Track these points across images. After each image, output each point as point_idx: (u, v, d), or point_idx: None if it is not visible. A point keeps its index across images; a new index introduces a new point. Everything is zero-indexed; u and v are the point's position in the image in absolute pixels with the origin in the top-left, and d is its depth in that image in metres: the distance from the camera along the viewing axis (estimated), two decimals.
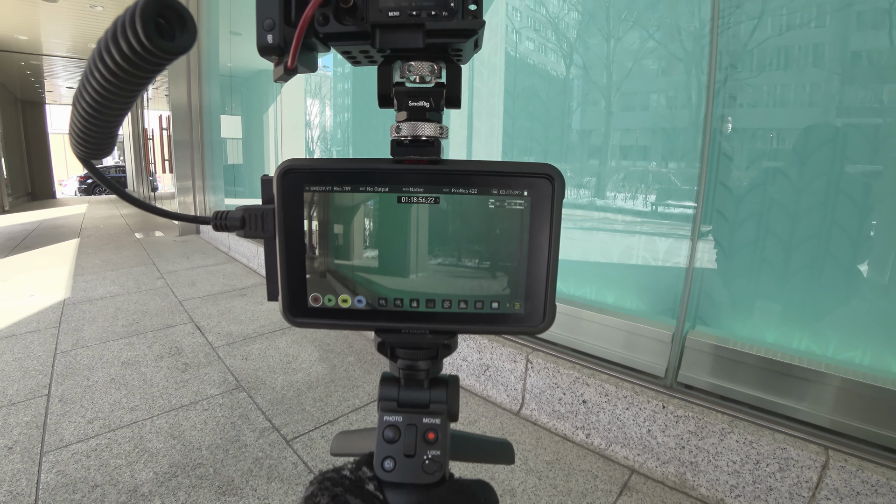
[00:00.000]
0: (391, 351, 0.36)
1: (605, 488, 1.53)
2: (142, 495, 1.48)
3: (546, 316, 0.34)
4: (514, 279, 0.34)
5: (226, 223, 0.36)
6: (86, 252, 5.17)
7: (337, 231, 0.34)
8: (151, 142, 9.90)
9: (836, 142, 1.41)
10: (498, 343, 2.03)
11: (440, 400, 0.36)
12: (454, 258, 0.34)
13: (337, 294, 0.34)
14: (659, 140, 1.89)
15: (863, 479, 1.21)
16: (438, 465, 0.33)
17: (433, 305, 0.34)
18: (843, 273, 1.43)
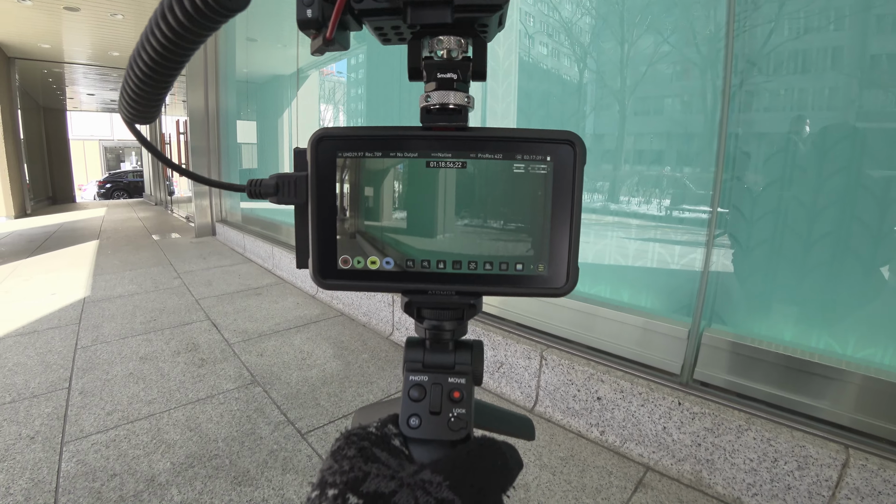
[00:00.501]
0: (417, 311, 0.37)
1: (619, 485, 1.52)
2: (159, 484, 1.50)
3: (569, 278, 0.35)
4: (537, 241, 0.34)
5: (260, 190, 0.37)
6: (105, 253, 5.27)
7: (368, 194, 0.35)
8: (168, 146, 10.06)
9: (855, 138, 1.39)
10: (512, 340, 2.03)
11: (465, 362, 0.36)
12: (480, 220, 0.34)
13: (366, 256, 0.35)
14: (673, 144, 1.88)
15: (885, 478, 1.19)
16: (464, 422, 0.34)
17: (459, 266, 0.35)
18: (863, 269, 1.40)
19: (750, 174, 1.60)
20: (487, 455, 0.31)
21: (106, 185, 18.70)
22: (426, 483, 0.28)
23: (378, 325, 2.87)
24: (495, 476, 0.30)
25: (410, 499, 0.26)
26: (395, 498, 0.26)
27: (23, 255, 5.29)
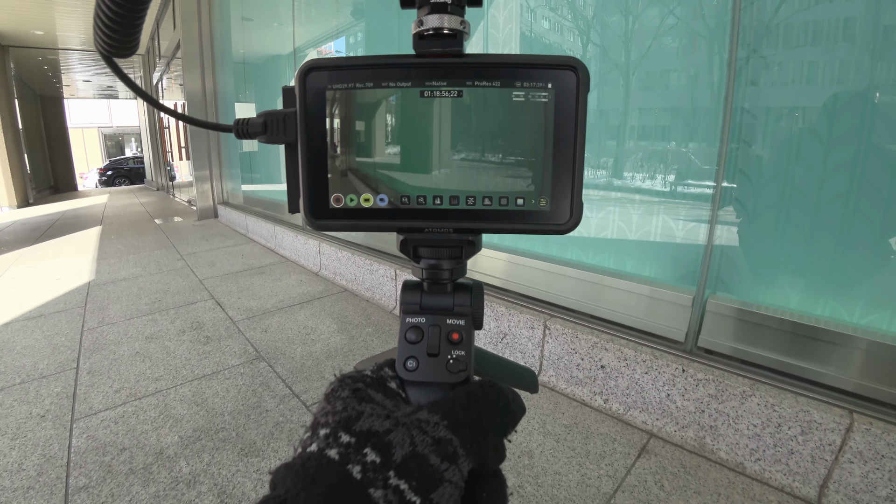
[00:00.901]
0: (414, 251, 0.35)
1: (623, 451, 1.52)
2: (167, 457, 1.52)
3: (573, 214, 0.32)
4: (539, 175, 0.32)
5: (248, 129, 0.35)
6: (108, 238, 5.28)
7: (359, 128, 0.33)
8: (168, 130, 10.00)
9: (866, 110, 1.34)
10: (515, 310, 2.02)
11: (465, 304, 0.34)
12: (477, 153, 0.32)
13: (359, 194, 0.33)
14: (679, 119, 1.82)
15: (888, 441, 1.18)
16: (463, 364, 0.32)
17: (456, 202, 0.33)
18: (872, 233, 1.36)
19: (757, 141, 1.55)
20: (488, 396, 0.29)
21: (107, 173, 18.68)
22: (423, 422, 0.26)
23: (381, 299, 2.87)
24: (496, 417, 0.28)
25: (406, 438, 0.25)
26: (390, 437, 0.25)
27: (27, 243, 5.32)
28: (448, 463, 0.25)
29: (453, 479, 0.25)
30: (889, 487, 1.18)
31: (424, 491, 0.23)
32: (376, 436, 0.25)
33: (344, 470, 0.23)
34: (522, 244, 2.29)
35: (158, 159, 12.20)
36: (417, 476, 0.23)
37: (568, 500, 1.33)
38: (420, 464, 0.24)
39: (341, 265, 3.26)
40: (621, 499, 1.32)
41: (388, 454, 0.24)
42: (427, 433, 0.25)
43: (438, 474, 0.24)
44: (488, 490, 0.29)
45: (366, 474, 0.23)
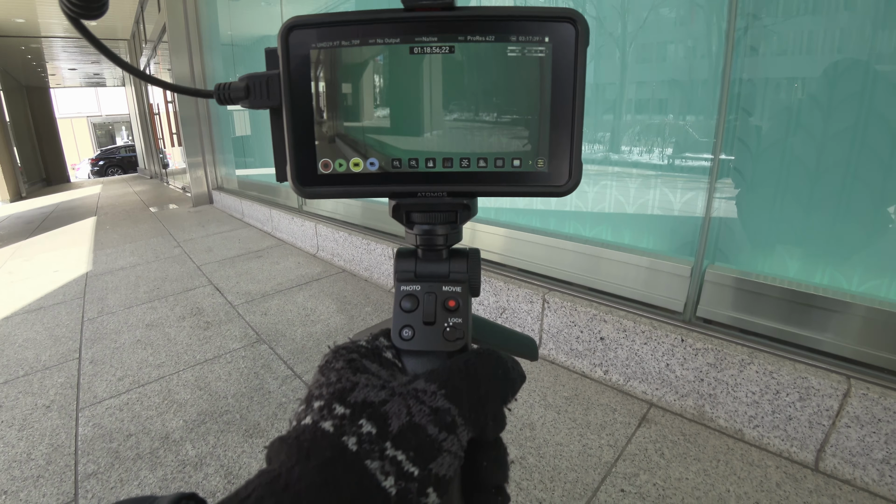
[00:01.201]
0: (407, 216, 0.33)
1: (623, 421, 1.54)
2: (173, 441, 1.53)
3: (571, 175, 0.31)
4: (536, 134, 0.31)
5: (229, 94, 0.33)
6: (104, 228, 5.26)
7: (346, 90, 0.31)
8: (158, 117, 9.87)
9: (867, 79, 1.30)
10: (514, 285, 2.01)
11: (461, 270, 0.33)
12: (471, 113, 0.31)
13: (348, 158, 0.32)
14: (676, 92, 1.77)
15: (885, 406, 1.18)
16: (461, 332, 0.31)
17: (450, 165, 0.31)
18: (872, 198, 1.34)
19: (756, 111, 1.52)
20: (487, 364, 0.28)
21: (99, 163, 18.49)
22: (420, 392, 0.25)
23: (380, 278, 2.87)
24: (495, 386, 0.28)
25: (402, 408, 0.24)
26: (386, 407, 0.24)
27: (22, 237, 5.30)
28: (446, 433, 0.24)
29: (452, 449, 0.24)
30: (885, 450, 1.20)
31: (422, 461, 0.23)
32: (372, 406, 0.24)
33: (339, 442, 0.22)
34: (520, 219, 2.28)
35: (150, 147, 12.07)
36: (415, 446, 0.23)
37: (570, 469, 1.34)
38: (417, 434, 0.23)
39: (338, 246, 3.25)
40: (622, 467, 1.34)
41: (385, 425, 0.23)
42: (424, 403, 0.25)
43: (437, 444, 0.24)
44: (488, 459, 0.28)
45: (361, 446, 0.22)
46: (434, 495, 0.23)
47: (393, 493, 0.21)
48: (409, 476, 0.22)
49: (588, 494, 1.25)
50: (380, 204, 3.10)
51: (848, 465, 1.26)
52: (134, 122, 14.32)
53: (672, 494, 1.24)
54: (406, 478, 0.22)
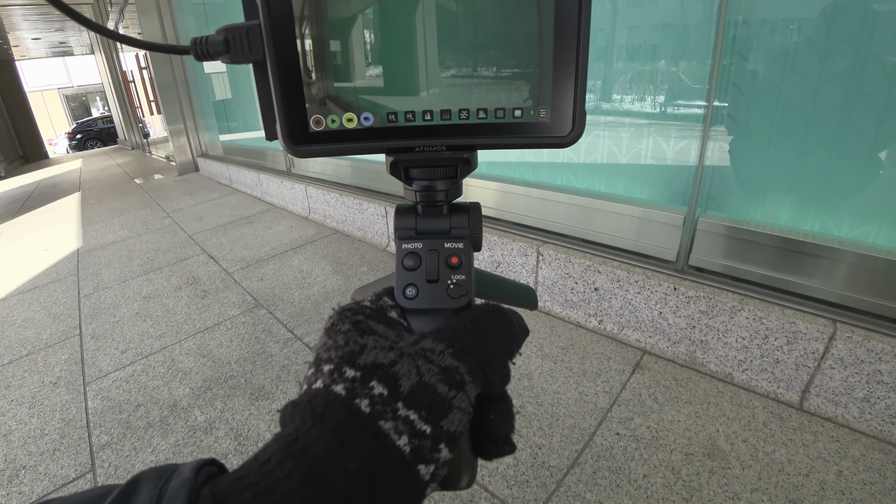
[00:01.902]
0: (405, 172, 0.32)
1: (618, 368, 1.58)
2: (182, 408, 1.57)
3: (575, 125, 0.29)
4: (537, 82, 0.29)
5: (207, 49, 0.31)
6: (89, 203, 5.18)
7: (336, 39, 0.29)
8: (133, 85, 9.52)
9: (866, 9, 1.26)
10: (508, 238, 2.02)
11: (462, 226, 0.33)
12: (468, 61, 0.29)
13: (341, 114, 0.30)
14: (669, 37, 1.70)
15: (868, 347, 1.22)
16: (464, 289, 0.31)
17: (448, 117, 0.30)
18: (866, 145, 1.32)
19: (751, 55, 1.47)
20: (493, 321, 0.29)
21: (76, 136, 17.91)
22: (428, 351, 0.26)
23: (373, 238, 2.87)
24: (501, 342, 0.28)
25: (412, 368, 0.25)
26: (395, 368, 0.25)
27: (6, 218, 5.21)
28: (456, 390, 0.25)
29: (461, 406, 0.25)
30: (866, 389, 1.25)
31: (434, 419, 0.24)
32: (382, 368, 0.25)
33: (352, 405, 0.23)
34: (512, 172, 2.26)
35: (129, 117, 11.70)
36: (426, 405, 0.24)
37: (567, 416, 1.39)
38: (428, 393, 0.24)
39: (330, 207, 3.23)
40: (617, 412, 1.39)
41: (395, 385, 0.24)
42: (433, 362, 0.25)
43: (447, 402, 0.24)
44: (496, 412, 0.29)
45: (374, 407, 0.23)
46: (446, 450, 0.24)
47: (407, 450, 0.22)
48: (421, 434, 0.23)
49: (585, 439, 1.31)
50: (370, 163, 3.06)
51: (830, 403, 1.31)
52: (108, 92, 13.81)
53: (665, 436, 1.29)
54: (419, 436, 0.23)
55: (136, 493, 0.21)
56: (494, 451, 0.30)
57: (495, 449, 0.30)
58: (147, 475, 0.23)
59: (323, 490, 0.20)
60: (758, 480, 1.14)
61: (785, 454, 1.20)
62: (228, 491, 0.20)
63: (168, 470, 0.23)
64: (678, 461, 1.21)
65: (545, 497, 1.14)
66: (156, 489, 0.21)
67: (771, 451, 1.22)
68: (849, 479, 1.13)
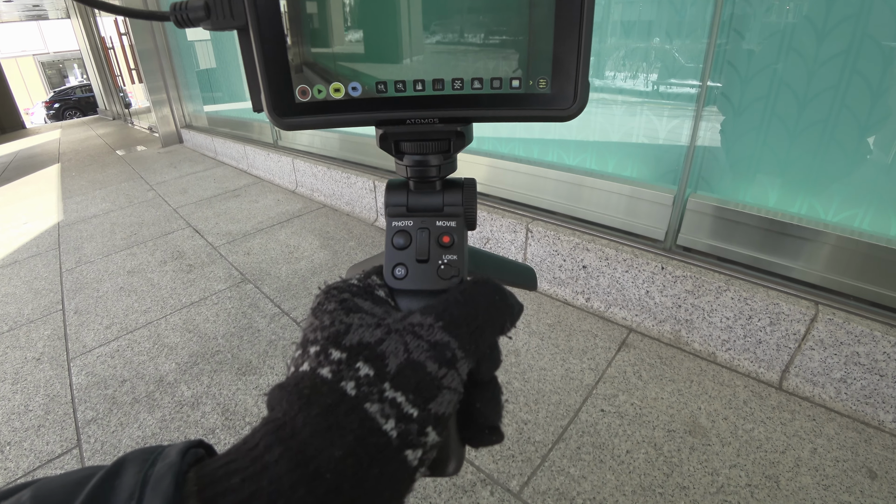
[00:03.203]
0: (396, 146, 0.31)
1: (604, 346, 1.60)
2: (168, 383, 1.57)
3: (577, 97, 0.27)
4: (537, 50, 0.27)
5: (188, 15, 0.29)
6: (69, 175, 5.05)
7: (319, 13, 0.27)
8: (112, 51, 9.18)
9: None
10: (497, 214, 2.01)
11: (455, 203, 0.31)
12: (463, 28, 0.27)
13: (328, 83, 0.28)
14: (664, 13, 1.65)
15: (848, 330, 1.25)
16: (456, 269, 0.30)
17: (441, 87, 0.28)
18: (858, 128, 1.32)
19: (748, 33, 1.44)
20: (484, 293, 0.27)
21: (54, 106, 17.33)
22: (416, 326, 0.24)
23: (362, 212, 2.84)
24: (494, 314, 0.27)
25: (399, 345, 0.24)
26: (382, 346, 0.24)
27: None
28: (446, 368, 0.24)
29: (452, 385, 0.24)
30: (843, 370, 1.28)
31: (422, 401, 0.23)
32: (368, 347, 0.24)
33: (338, 387, 0.22)
34: (502, 147, 2.24)
35: (108, 85, 11.33)
36: (414, 386, 0.23)
37: (553, 392, 1.41)
38: (416, 372, 0.23)
39: (318, 181, 3.18)
40: (603, 389, 1.42)
41: (382, 365, 0.23)
42: (422, 338, 0.24)
43: (436, 382, 0.23)
44: (482, 399, 0.28)
45: (360, 389, 0.22)
46: (434, 434, 0.23)
47: (394, 436, 0.22)
48: (408, 417, 0.22)
49: (570, 415, 1.33)
50: (358, 135, 3.00)
51: (808, 383, 1.34)
52: (86, 59, 13.33)
53: (648, 413, 1.32)
54: (406, 419, 0.22)
55: (121, 476, 0.21)
56: (480, 440, 0.29)
57: (481, 438, 0.29)
58: (133, 457, 0.22)
59: (311, 475, 0.20)
60: (736, 457, 1.17)
61: (763, 432, 1.24)
62: (215, 476, 0.20)
63: (154, 452, 0.22)
64: (660, 437, 1.23)
65: (530, 471, 1.17)
66: (140, 472, 0.21)
67: (750, 428, 1.25)
68: (822, 456, 1.17)
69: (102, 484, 0.20)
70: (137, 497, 0.19)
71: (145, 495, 0.19)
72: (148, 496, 0.19)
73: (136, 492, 0.20)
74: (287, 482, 0.19)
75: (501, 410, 0.29)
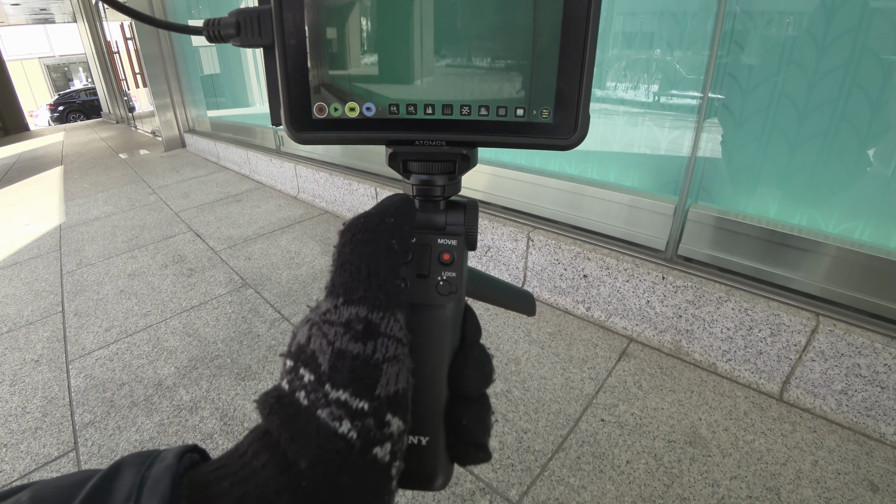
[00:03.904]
0: (404, 165, 0.32)
1: (604, 355, 1.60)
2: (166, 387, 1.56)
3: (578, 127, 0.29)
4: (541, 81, 0.28)
5: (219, 31, 0.31)
6: (72, 178, 5.07)
7: (342, 29, 0.29)
8: (118, 56, 9.24)
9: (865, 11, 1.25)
10: (499, 223, 2.02)
11: (457, 223, 0.32)
12: (466, 55, 0.28)
13: (344, 102, 0.30)
14: (666, 25, 1.67)
15: (848, 341, 1.24)
16: (454, 286, 0.30)
17: (450, 112, 0.29)
18: (858, 140, 1.32)
19: (749, 46, 1.45)
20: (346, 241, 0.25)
21: (58, 108, 17.41)
22: (327, 313, 0.24)
23: None
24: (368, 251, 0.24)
25: (321, 340, 0.23)
26: (311, 345, 0.23)
27: None
28: (370, 341, 0.22)
29: (388, 355, 0.23)
30: (844, 382, 1.28)
31: (366, 390, 0.22)
32: (303, 351, 0.23)
33: (293, 399, 0.22)
34: (503, 155, 2.24)
35: (113, 89, 11.40)
36: (350, 378, 0.22)
37: (553, 401, 1.41)
38: (345, 361, 0.22)
39: (320, 187, 3.19)
40: (603, 398, 1.41)
41: (317, 366, 0.22)
42: (334, 323, 0.23)
43: (371, 362, 0.22)
44: (468, 417, 0.28)
45: (308, 397, 0.22)
46: (396, 420, 0.22)
47: (353, 437, 0.21)
48: (361, 413, 0.21)
49: (570, 424, 1.32)
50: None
51: (809, 395, 1.34)
52: (92, 63, 13.41)
53: (648, 423, 1.31)
54: (359, 415, 0.21)
55: (118, 479, 0.21)
56: (467, 457, 0.29)
57: (467, 454, 0.29)
58: (129, 460, 0.22)
59: (294, 482, 0.20)
60: (737, 468, 1.16)
61: (764, 443, 1.23)
62: (207, 479, 0.20)
63: (151, 455, 0.22)
64: (661, 448, 1.23)
65: (529, 481, 1.16)
66: (138, 474, 0.21)
67: (751, 440, 1.24)
68: (824, 468, 1.16)
69: (100, 486, 0.21)
70: (135, 498, 0.20)
71: (142, 497, 0.20)
72: (145, 497, 0.20)
73: (134, 493, 0.20)
74: (273, 487, 0.20)
75: (489, 429, 0.29)
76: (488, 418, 0.29)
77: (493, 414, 0.32)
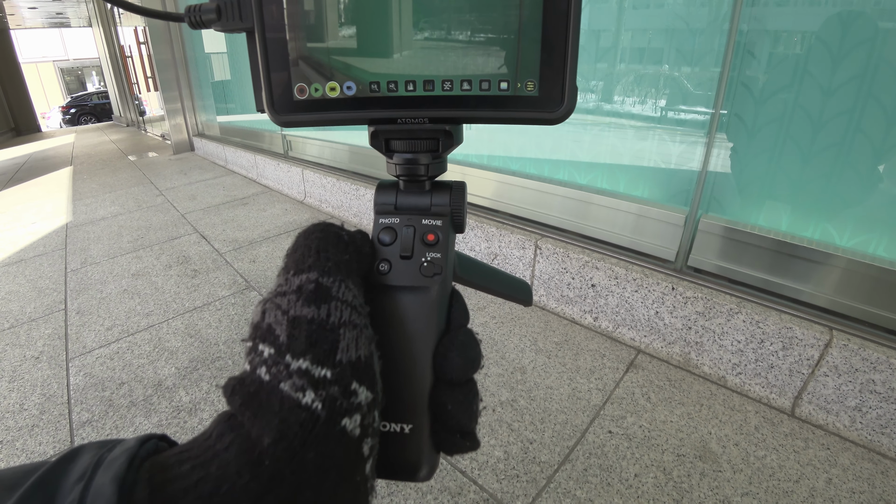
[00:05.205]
0: (386, 144, 0.31)
1: (612, 366, 1.57)
2: (166, 388, 1.54)
3: (565, 100, 0.28)
4: (525, 52, 0.27)
5: (200, 17, 0.31)
6: (81, 178, 5.10)
7: (319, 16, 0.28)
8: (130, 60, 9.35)
9: (879, 26, 1.24)
10: (506, 231, 2.00)
11: (443, 203, 0.32)
12: (445, 29, 0.27)
13: (324, 82, 0.29)
14: (676, 41, 1.67)
15: (863, 356, 1.21)
16: (438, 267, 0.29)
17: (431, 88, 0.28)
18: (873, 153, 1.30)
19: (761, 58, 1.44)
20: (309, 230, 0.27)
21: (70, 111, 17.63)
22: (280, 286, 0.24)
23: (369, 225, 2.83)
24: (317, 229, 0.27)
25: (275, 312, 0.23)
26: (268, 319, 0.23)
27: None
28: (324, 305, 0.23)
29: (344, 319, 0.23)
30: (858, 398, 1.24)
31: (326, 356, 0.22)
32: (259, 327, 0.23)
33: (255, 376, 0.22)
34: (512, 164, 2.23)
35: (125, 93, 11.51)
36: (308, 344, 0.22)
37: (559, 412, 1.38)
38: (301, 327, 0.22)
39: (326, 192, 3.19)
40: (610, 410, 1.38)
41: (275, 339, 0.22)
42: (287, 293, 0.23)
43: (327, 326, 0.22)
44: (453, 402, 0.27)
45: (270, 371, 0.21)
46: (363, 389, 0.22)
47: (318, 407, 0.20)
48: (324, 381, 0.21)
49: (577, 435, 1.29)
50: (367, 148, 3.02)
51: (822, 411, 1.31)
52: (105, 67, 13.58)
53: (657, 436, 1.28)
54: (323, 384, 0.21)
55: (76, 460, 0.20)
56: (453, 445, 0.28)
57: (453, 442, 0.28)
58: (91, 445, 0.22)
59: (255, 462, 0.19)
60: (748, 485, 1.13)
61: (776, 459, 1.20)
62: (169, 462, 0.20)
63: (114, 441, 0.22)
64: (670, 462, 1.19)
65: (535, 493, 1.13)
66: (95, 456, 0.20)
67: (762, 455, 1.21)
68: (838, 486, 1.12)
69: (55, 467, 0.20)
70: (88, 476, 0.19)
71: (96, 476, 0.19)
72: (99, 476, 0.19)
73: (88, 472, 0.19)
74: (234, 468, 0.19)
75: (476, 415, 0.28)
76: (475, 404, 0.28)
77: (482, 401, 0.32)
